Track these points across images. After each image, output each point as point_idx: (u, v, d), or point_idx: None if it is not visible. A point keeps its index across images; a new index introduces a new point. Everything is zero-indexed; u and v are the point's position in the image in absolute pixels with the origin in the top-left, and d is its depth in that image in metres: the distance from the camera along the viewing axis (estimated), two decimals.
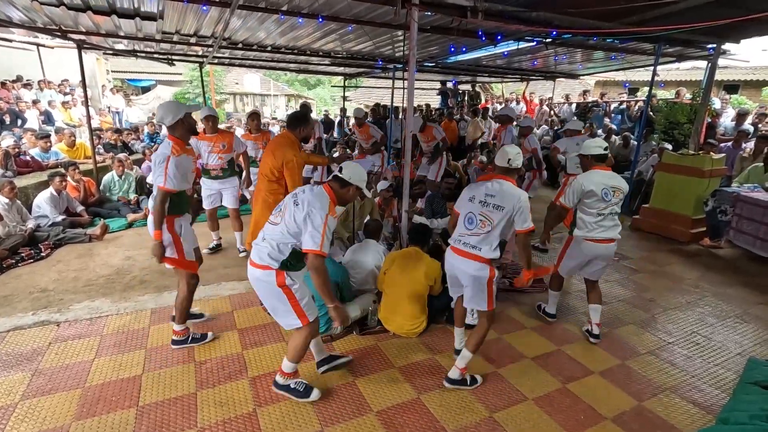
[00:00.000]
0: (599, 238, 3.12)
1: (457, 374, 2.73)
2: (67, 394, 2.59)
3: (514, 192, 2.56)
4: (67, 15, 4.89)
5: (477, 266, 2.59)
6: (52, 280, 4.10)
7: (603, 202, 3.08)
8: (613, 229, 3.16)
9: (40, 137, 6.76)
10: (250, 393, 2.65)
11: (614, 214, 3.15)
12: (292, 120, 3.50)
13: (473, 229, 2.62)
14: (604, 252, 3.16)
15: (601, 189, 3.07)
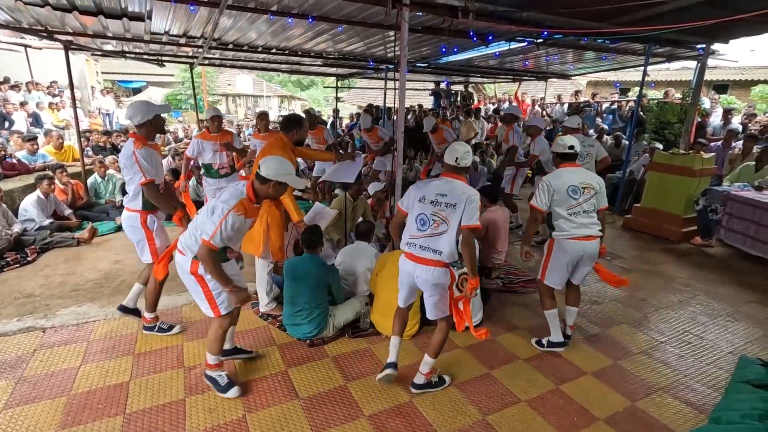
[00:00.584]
0: (580, 236, 2.98)
1: (422, 379, 2.69)
2: (52, 402, 2.53)
3: (465, 189, 2.49)
4: (53, 15, 4.81)
5: (438, 272, 2.48)
6: (39, 285, 4.02)
7: (572, 200, 2.96)
8: (590, 226, 3.01)
9: (26, 140, 6.65)
10: (240, 399, 2.60)
11: (589, 212, 3.01)
12: (287, 123, 3.43)
13: (426, 231, 2.51)
14: (589, 249, 3.01)
15: (567, 187, 2.96)
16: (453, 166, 2.57)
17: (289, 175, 2.40)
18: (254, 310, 3.64)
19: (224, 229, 2.27)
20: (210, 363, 2.63)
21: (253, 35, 6.03)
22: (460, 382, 2.82)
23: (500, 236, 4.25)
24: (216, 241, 2.28)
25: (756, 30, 5.33)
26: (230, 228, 2.29)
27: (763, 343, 3.38)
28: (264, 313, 3.58)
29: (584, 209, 2.98)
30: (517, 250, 5.11)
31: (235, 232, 2.37)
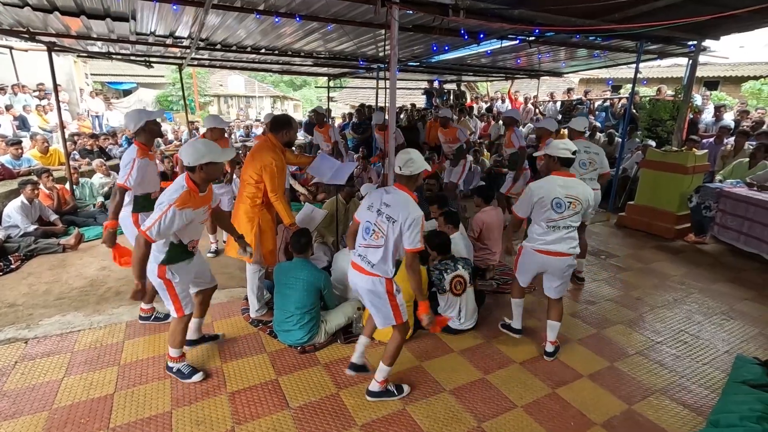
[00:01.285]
0: (549, 250, 2.82)
1: (377, 387, 2.61)
2: (32, 418, 2.44)
3: (407, 207, 2.30)
4: (34, 16, 4.68)
5: (370, 281, 2.41)
6: (22, 294, 3.91)
7: (554, 213, 2.77)
8: (566, 242, 2.81)
9: (10, 144, 6.50)
10: (228, 410, 2.53)
11: (569, 228, 2.80)
12: (276, 123, 3.32)
13: (367, 240, 2.43)
14: (555, 265, 2.85)
15: (552, 199, 2.76)
16: (397, 174, 2.42)
17: (210, 153, 2.40)
18: (244, 316, 3.56)
19: (163, 223, 2.30)
20: (172, 356, 2.77)
21: (242, 35, 5.93)
22: (455, 388, 2.77)
23: (494, 237, 4.21)
24: (152, 233, 2.30)
25: (746, 26, 5.33)
26: (169, 221, 2.31)
27: (758, 341, 3.36)
28: (254, 319, 3.50)
29: (565, 225, 2.79)
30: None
31: (186, 225, 2.42)
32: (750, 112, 8.27)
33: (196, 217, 2.48)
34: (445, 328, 3.33)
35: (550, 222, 2.80)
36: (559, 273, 2.90)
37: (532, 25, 4.65)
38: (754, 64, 14.91)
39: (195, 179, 2.42)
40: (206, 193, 2.51)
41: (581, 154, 3.99)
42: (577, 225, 2.85)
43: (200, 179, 2.42)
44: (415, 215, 2.28)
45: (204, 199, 2.51)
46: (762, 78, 13.37)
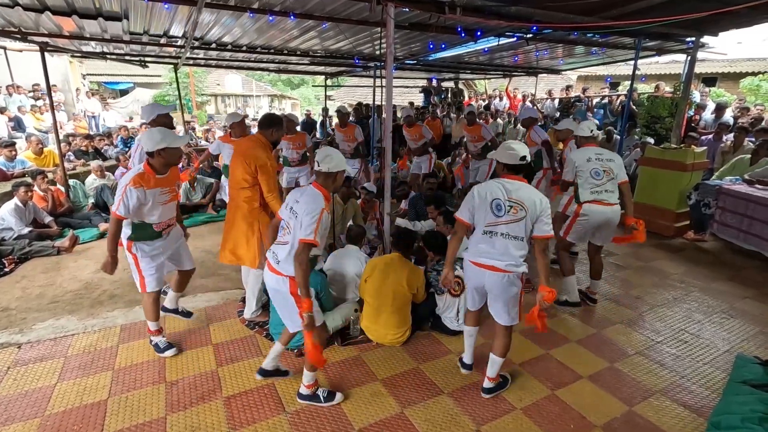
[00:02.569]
0: (483, 263, 2.45)
1: (306, 390, 2.58)
2: (24, 425, 2.40)
3: (315, 199, 2.29)
4: (26, 16, 4.62)
5: (275, 279, 2.40)
6: (15, 298, 3.86)
7: (492, 216, 2.42)
8: (504, 255, 2.40)
9: (4, 146, 6.44)
10: (224, 415, 2.50)
11: (509, 237, 2.40)
12: (266, 121, 3.27)
13: (279, 237, 2.45)
14: (490, 281, 2.45)
15: (493, 200, 2.42)
16: (315, 171, 2.43)
17: (165, 140, 2.64)
18: (240, 318, 3.53)
19: (126, 200, 2.58)
20: (149, 329, 3.05)
21: (237, 33, 5.87)
22: (453, 390, 2.74)
23: None
24: (120, 211, 2.60)
25: (744, 22, 5.29)
26: (131, 199, 2.58)
27: (759, 340, 3.34)
28: (250, 321, 3.47)
29: (502, 232, 2.41)
30: None
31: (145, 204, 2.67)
32: (750, 109, 8.24)
33: (155, 197, 2.71)
34: (443, 330, 3.31)
35: (487, 227, 2.44)
36: (497, 291, 2.46)
37: (529, 22, 4.60)
38: (752, 60, 14.89)
39: (153, 163, 2.70)
40: (166, 175, 2.77)
41: (592, 162, 3.50)
42: (520, 237, 2.40)
43: (158, 163, 2.70)
44: (315, 207, 2.26)
45: (163, 181, 2.76)
46: (760, 74, 13.34)
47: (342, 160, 2.47)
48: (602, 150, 3.61)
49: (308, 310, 2.23)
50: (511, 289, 2.46)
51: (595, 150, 3.59)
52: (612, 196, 3.52)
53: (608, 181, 3.50)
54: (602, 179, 3.50)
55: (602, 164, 3.51)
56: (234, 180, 3.22)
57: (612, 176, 3.50)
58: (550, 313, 3.57)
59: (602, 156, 3.55)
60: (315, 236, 2.23)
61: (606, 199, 3.51)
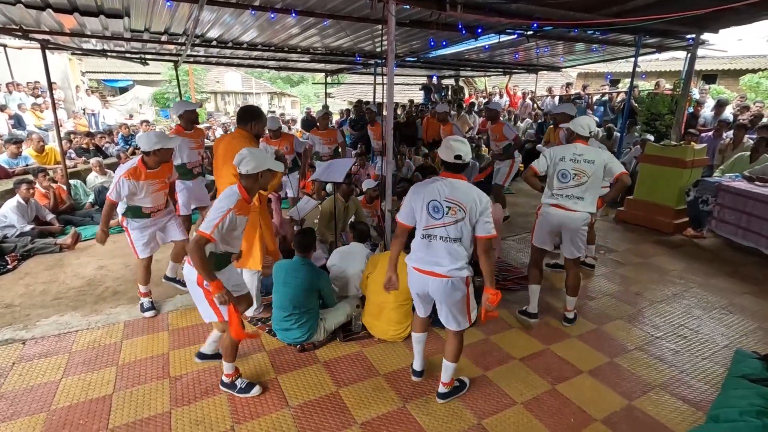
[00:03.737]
0: (423, 268, 2.35)
1: (226, 379, 2.66)
2: (30, 420, 2.43)
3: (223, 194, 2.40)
4: (27, 14, 4.63)
5: (187, 268, 2.49)
6: (19, 295, 3.89)
7: (430, 219, 2.29)
8: (445, 259, 2.28)
9: (13, 142, 6.44)
10: (227, 409, 2.52)
11: (447, 240, 2.27)
12: (244, 114, 3.15)
13: None
14: (433, 288, 2.34)
15: (428, 202, 2.29)
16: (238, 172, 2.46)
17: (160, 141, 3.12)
18: (243, 315, 3.54)
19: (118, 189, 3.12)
20: (140, 291, 3.53)
21: (238, 31, 5.88)
22: None
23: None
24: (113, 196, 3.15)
25: (745, 19, 5.30)
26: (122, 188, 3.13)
27: (758, 335, 3.37)
28: (252, 318, 3.49)
29: (442, 235, 2.29)
30: (511, 246, 5.09)
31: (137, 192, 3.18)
32: (749, 106, 8.25)
33: (146, 187, 3.19)
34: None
35: (425, 230, 2.32)
36: (441, 297, 2.37)
37: (530, 19, 4.61)
38: (752, 58, 14.89)
39: (147, 160, 3.15)
40: (158, 170, 3.23)
41: (565, 162, 3.16)
42: (457, 240, 2.27)
43: (152, 161, 3.16)
44: (223, 204, 2.32)
45: (153, 174, 3.21)
46: (760, 71, 13.35)
47: (263, 160, 2.38)
48: (586, 149, 3.17)
49: (217, 291, 2.31)
50: (455, 295, 2.34)
51: (577, 149, 3.18)
52: (577, 202, 3.17)
53: (576, 185, 3.15)
54: (568, 182, 3.17)
55: (575, 165, 3.14)
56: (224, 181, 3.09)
57: (583, 181, 3.12)
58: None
59: (581, 157, 3.14)
60: (213, 231, 2.24)
61: (565, 204, 3.20)
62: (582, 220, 3.19)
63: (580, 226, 3.20)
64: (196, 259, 2.25)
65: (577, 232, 3.22)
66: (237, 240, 2.53)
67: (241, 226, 2.47)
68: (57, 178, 6.14)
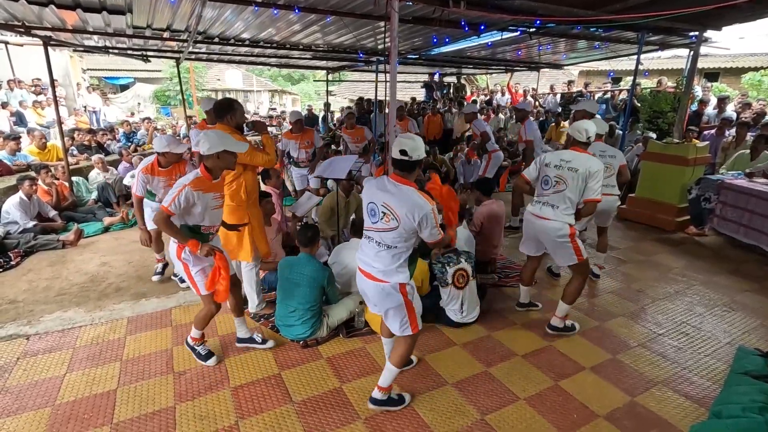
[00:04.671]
0: (363, 270, 2.31)
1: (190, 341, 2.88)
2: (35, 414, 2.44)
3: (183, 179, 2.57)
4: (29, 10, 4.62)
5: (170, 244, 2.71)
6: (22, 291, 3.90)
7: (368, 221, 2.25)
8: (377, 263, 2.21)
9: (12, 139, 6.45)
10: (231, 404, 2.53)
11: (383, 245, 2.19)
12: (218, 110, 3.09)
13: None
14: (369, 289, 2.30)
15: (368, 204, 2.23)
16: None
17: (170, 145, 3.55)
18: (245, 311, 3.55)
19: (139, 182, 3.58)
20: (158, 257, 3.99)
21: (240, 27, 5.87)
22: (458, 381, 2.77)
23: (495, 230, 4.20)
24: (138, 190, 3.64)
25: (748, 16, 5.29)
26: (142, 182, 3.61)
27: (760, 332, 3.37)
28: (255, 314, 3.50)
29: (377, 240, 2.20)
30: (513, 244, 5.09)
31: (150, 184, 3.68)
32: (751, 104, 8.24)
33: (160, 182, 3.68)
34: (447, 322, 3.34)
35: (366, 231, 2.28)
36: (377, 300, 2.30)
37: (533, 16, 4.61)
38: (754, 56, 14.86)
39: (161, 161, 3.58)
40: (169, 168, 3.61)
41: (550, 168, 3.04)
42: (396, 246, 2.17)
43: (165, 161, 3.59)
44: (182, 181, 2.52)
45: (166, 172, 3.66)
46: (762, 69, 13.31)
47: (218, 142, 2.49)
48: (577, 156, 2.95)
49: (197, 249, 2.53)
50: (389, 300, 2.24)
51: (565, 155, 2.99)
52: (553, 211, 3.00)
53: (554, 193, 2.99)
54: (548, 189, 3.03)
55: (558, 172, 2.97)
56: None
57: (561, 189, 2.95)
58: None
59: (567, 164, 2.95)
60: (170, 205, 2.43)
61: (541, 213, 3.06)
62: (556, 230, 2.97)
63: (556, 237, 2.99)
64: (163, 228, 2.50)
65: (556, 243, 3.02)
66: (205, 215, 2.63)
67: (202, 201, 2.56)
68: (59, 175, 6.14)
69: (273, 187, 4.33)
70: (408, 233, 2.16)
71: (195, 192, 2.49)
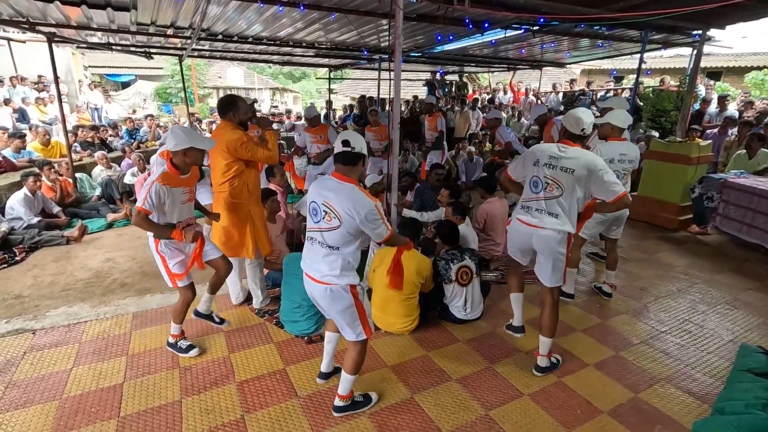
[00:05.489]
0: (307, 272, 2.25)
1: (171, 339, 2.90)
2: (43, 407, 2.46)
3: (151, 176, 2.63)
4: (34, 6, 4.64)
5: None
6: (28, 286, 3.92)
7: (310, 220, 2.21)
8: (321, 265, 2.15)
9: (18, 137, 6.46)
10: (237, 399, 2.55)
11: (325, 246, 2.12)
12: (222, 107, 3.13)
13: None
14: (314, 292, 2.24)
15: (310, 202, 2.20)
16: None
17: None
18: (249, 307, 3.58)
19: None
20: None
21: (243, 25, 5.88)
22: (462, 377, 2.78)
23: (498, 228, 4.21)
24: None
25: (752, 15, 5.28)
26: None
27: (762, 330, 3.38)
28: (259, 310, 3.52)
29: (319, 240, 2.14)
30: None
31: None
32: (754, 102, 8.23)
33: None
34: (451, 318, 3.36)
35: (308, 232, 2.22)
36: (324, 304, 2.23)
37: (536, 14, 4.61)
38: (757, 55, 14.83)
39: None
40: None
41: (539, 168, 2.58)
42: (339, 248, 2.10)
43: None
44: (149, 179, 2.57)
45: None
46: (765, 68, 13.28)
47: (185, 139, 2.54)
48: (570, 152, 2.49)
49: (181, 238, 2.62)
50: (336, 304, 2.17)
51: (554, 151, 2.53)
52: (545, 218, 2.54)
53: (547, 198, 2.53)
54: (539, 192, 2.56)
55: (551, 173, 2.51)
56: (218, 173, 3.13)
57: (555, 194, 2.50)
58: None
59: (559, 162, 2.49)
60: (143, 203, 2.48)
61: (530, 221, 2.61)
62: (553, 239, 2.52)
63: (553, 247, 2.54)
64: (144, 227, 2.57)
65: (551, 255, 2.57)
66: (175, 210, 2.67)
67: (171, 196, 2.60)
68: (63, 171, 6.16)
69: (278, 185, 4.34)
70: (352, 233, 2.09)
71: (163, 187, 2.55)
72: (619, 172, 3.20)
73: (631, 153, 3.37)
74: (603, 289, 3.75)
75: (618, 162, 3.27)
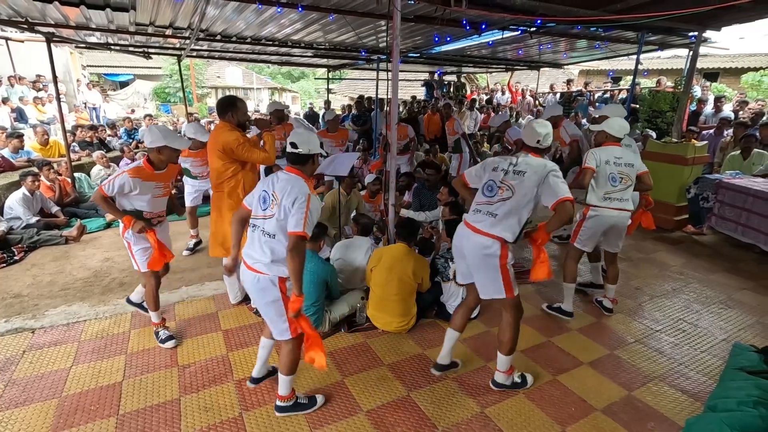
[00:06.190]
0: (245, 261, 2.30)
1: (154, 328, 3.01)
2: (43, 405, 2.48)
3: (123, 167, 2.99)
4: (33, 7, 4.65)
5: None
6: (27, 285, 3.93)
7: (258, 209, 2.28)
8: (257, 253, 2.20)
9: (15, 137, 6.46)
10: (235, 397, 2.57)
11: (264, 233, 2.19)
12: (221, 107, 3.18)
13: None
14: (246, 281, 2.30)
15: (261, 192, 2.28)
16: None
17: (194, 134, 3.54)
18: (248, 306, 3.60)
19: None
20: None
21: (242, 25, 5.90)
22: (458, 375, 2.81)
23: None
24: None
25: (748, 16, 5.33)
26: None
27: (756, 329, 3.42)
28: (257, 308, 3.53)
29: (262, 228, 2.21)
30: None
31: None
32: (749, 103, 8.28)
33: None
34: (448, 317, 3.38)
35: (252, 219, 2.28)
36: (254, 295, 2.27)
37: (534, 15, 4.64)
38: (753, 56, 14.90)
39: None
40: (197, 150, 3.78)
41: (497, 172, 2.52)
42: (275, 236, 2.14)
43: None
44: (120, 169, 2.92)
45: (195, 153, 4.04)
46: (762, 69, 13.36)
47: (159, 137, 2.74)
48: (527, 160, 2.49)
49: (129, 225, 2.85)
50: (264, 295, 2.16)
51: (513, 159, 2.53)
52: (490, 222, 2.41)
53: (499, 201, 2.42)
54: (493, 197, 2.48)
55: (504, 177, 2.50)
56: (214, 174, 3.17)
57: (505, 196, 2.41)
58: None
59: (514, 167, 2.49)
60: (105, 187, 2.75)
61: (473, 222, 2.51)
62: (483, 247, 2.37)
63: (481, 254, 2.38)
64: (100, 204, 2.80)
65: (480, 261, 2.40)
66: (147, 201, 2.89)
67: (143, 188, 2.82)
68: (61, 171, 6.17)
69: None
70: (279, 222, 2.14)
71: (132, 179, 2.75)
72: (615, 174, 3.23)
73: (627, 157, 3.30)
74: (603, 303, 3.62)
75: (614, 164, 3.22)
